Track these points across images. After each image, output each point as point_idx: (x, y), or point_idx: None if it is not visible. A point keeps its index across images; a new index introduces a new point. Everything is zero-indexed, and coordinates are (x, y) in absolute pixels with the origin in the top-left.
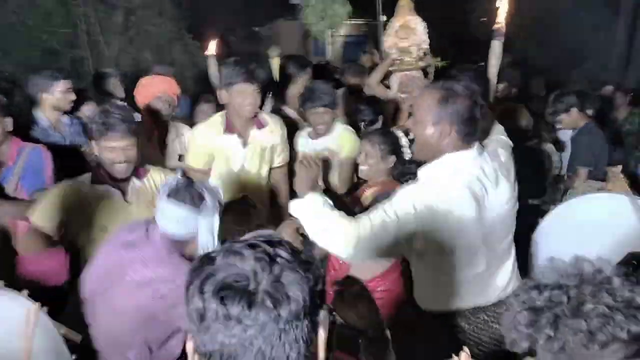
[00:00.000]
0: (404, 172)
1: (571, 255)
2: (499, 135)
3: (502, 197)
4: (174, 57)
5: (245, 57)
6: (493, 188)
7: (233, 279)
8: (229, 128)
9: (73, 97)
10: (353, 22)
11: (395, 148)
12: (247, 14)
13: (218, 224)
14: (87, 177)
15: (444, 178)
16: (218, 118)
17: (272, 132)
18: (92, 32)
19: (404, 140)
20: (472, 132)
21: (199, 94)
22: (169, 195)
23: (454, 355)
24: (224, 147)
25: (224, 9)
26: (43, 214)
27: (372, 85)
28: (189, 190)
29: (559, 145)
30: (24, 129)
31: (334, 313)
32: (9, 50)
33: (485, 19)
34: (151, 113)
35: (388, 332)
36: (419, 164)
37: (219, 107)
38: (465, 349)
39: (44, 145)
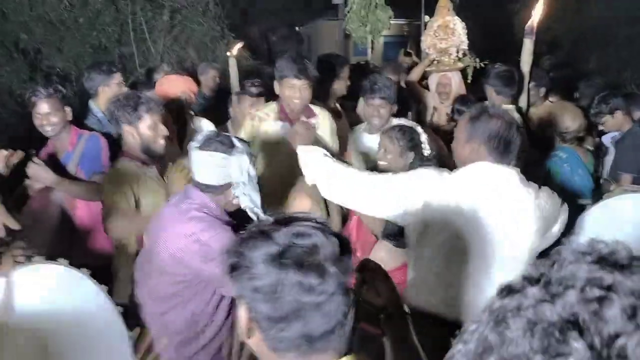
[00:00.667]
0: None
1: None
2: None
3: (505, 227)
4: (216, 55)
5: (299, 54)
6: (498, 211)
7: (304, 253)
8: (281, 115)
9: (126, 89)
10: (394, 22)
11: (414, 144)
12: (288, 13)
13: (251, 166)
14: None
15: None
16: (273, 106)
17: (320, 124)
18: (139, 30)
19: (424, 137)
20: (504, 150)
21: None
22: (199, 147)
23: None
24: (275, 132)
25: (266, 9)
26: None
27: (411, 82)
28: (218, 139)
29: (602, 150)
30: (76, 121)
31: (356, 293)
32: (61, 46)
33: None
34: (170, 111)
35: (406, 307)
36: (438, 160)
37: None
38: None
39: (99, 133)
